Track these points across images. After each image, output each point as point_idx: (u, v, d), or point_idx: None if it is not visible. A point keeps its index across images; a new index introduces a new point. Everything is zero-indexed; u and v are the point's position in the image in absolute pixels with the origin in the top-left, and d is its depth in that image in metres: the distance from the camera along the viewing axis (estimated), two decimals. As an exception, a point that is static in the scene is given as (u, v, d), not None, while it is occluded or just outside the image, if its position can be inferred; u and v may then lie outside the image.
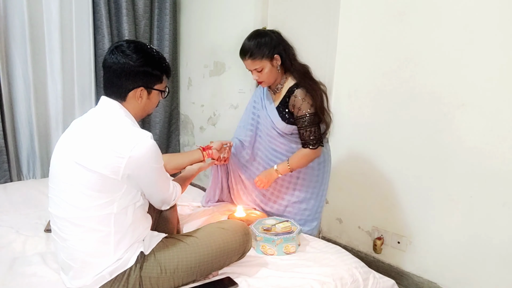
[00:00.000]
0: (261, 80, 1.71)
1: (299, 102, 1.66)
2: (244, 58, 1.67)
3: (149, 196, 1.31)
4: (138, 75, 1.23)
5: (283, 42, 1.70)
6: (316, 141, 1.70)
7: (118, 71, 1.21)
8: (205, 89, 3.21)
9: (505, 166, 1.68)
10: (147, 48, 1.26)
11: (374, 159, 2.16)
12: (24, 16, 2.52)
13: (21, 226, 1.71)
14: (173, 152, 3.55)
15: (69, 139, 1.22)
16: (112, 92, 1.25)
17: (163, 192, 1.33)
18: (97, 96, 2.97)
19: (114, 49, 1.23)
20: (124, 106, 1.25)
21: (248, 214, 1.86)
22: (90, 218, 1.15)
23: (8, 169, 2.58)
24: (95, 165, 1.12)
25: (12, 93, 2.60)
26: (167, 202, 1.37)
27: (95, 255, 1.17)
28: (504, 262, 1.72)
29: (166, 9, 3.19)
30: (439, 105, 1.85)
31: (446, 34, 1.80)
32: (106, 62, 1.24)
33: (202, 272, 1.32)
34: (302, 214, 1.88)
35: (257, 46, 1.63)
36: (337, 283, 1.36)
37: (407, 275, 2.07)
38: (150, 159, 1.18)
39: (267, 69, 1.66)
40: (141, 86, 1.24)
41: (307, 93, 1.66)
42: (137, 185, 1.22)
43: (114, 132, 1.17)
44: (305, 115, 1.66)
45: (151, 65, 1.25)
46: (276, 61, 1.67)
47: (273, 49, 1.65)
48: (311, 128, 1.67)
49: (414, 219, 2.02)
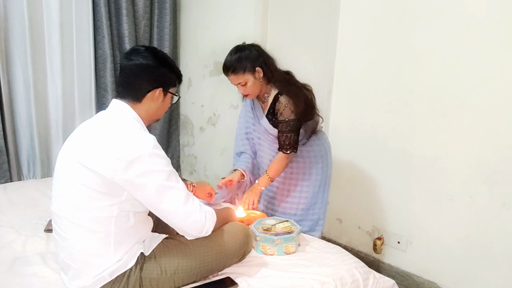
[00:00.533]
0: (247, 93, 1.77)
1: (281, 108, 1.72)
2: (227, 74, 1.73)
3: (164, 217, 1.18)
4: (158, 75, 1.25)
5: (263, 54, 1.75)
6: (290, 146, 1.75)
7: (138, 71, 1.23)
8: (205, 89, 3.20)
9: (505, 166, 1.68)
10: (163, 53, 1.31)
11: (374, 159, 2.16)
12: (24, 16, 2.52)
13: (21, 226, 1.71)
14: (173, 151, 3.55)
15: (75, 139, 1.22)
16: (129, 93, 1.24)
17: (178, 209, 1.16)
18: (97, 96, 2.98)
19: (131, 52, 1.25)
20: (137, 108, 1.25)
21: (248, 214, 1.86)
22: (90, 219, 1.15)
23: (8, 169, 2.59)
24: (97, 166, 1.12)
25: (12, 93, 2.60)
26: (193, 230, 1.21)
27: (95, 256, 1.17)
28: (504, 262, 1.72)
29: (166, 9, 3.19)
30: (439, 105, 1.85)
31: (446, 34, 1.80)
32: (123, 63, 1.25)
33: (202, 273, 1.32)
34: (313, 214, 1.93)
35: (238, 61, 1.69)
36: (337, 283, 1.36)
37: (407, 275, 2.07)
38: (152, 164, 1.12)
39: (251, 82, 1.72)
40: (160, 87, 1.26)
41: (290, 100, 1.71)
42: (144, 200, 1.15)
43: (116, 134, 1.16)
44: (285, 120, 1.72)
45: (169, 67, 1.28)
46: (258, 73, 1.72)
47: (254, 62, 1.70)
48: (288, 133, 1.73)
49: (414, 219, 2.02)
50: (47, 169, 2.81)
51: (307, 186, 1.91)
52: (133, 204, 1.19)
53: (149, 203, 1.17)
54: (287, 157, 1.78)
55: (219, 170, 3.18)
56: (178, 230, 1.24)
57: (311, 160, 1.89)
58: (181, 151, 3.61)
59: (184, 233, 1.24)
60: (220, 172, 3.13)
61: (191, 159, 3.50)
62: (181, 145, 3.60)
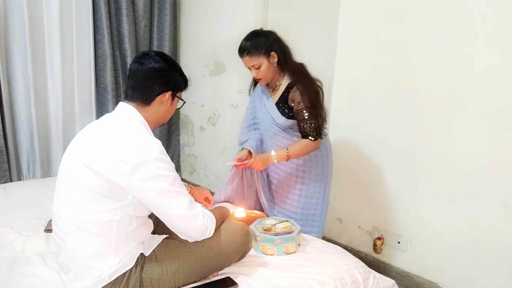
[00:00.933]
0: (259, 77, 1.78)
1: (298, 97, 1.73)
2: (242, 55, 1.75)
3: (168, 222, 1.20)
4: (169, 79, 1.28)
5: (279, 41, 1.78)
6: (316, 132, 1.76)
7: (150, 75, 1.25)
8: (205, 89, 3.21)
9: (505, 166, 1.68)
10: (172, 58, 1.34)
11: (374, 159, 2.16)
12: (24, 16, 2.53)
13: (21, 226, 1.71)
14: (173, 151, 3.55)
15: (81, 140, 1.22)
16: (138, 96, 1.26)
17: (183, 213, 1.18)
18: (97, 96, 2.98)
19: (142, 56, 1.28)
20: (145, 111, 1.26)
21: (248, 214, 1.86)
22: (92, 222, 1.14)
23: (8, 169, 2.59)
24: (102, 168, 1.11)
25: (12, 93, 2.60)
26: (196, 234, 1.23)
27: (95, 259, 1.16)
28: (504, 262, 1.72)
29: (166, 9, 3.19)
30: (439, 105, 1.85)
31: (446, 34, 1.80)
32: (135, 67, 1.27)
33: (203, 273, 1.32)
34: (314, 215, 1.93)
35: (254, 43, 1.72)
36: (337, 283, 1.36)
37: (407, 275, 2.07)
38: (158, 168, 1.13)
39: (265, 66, 1.73)
40: (170, 90, 1.28)
41: (306, 89, 1.73)
42: (149, 204, 1.16)
43: (123, 137, 1.16)
44: (304, 108, 1.73)
45: (178, 72, 1.31)
46: (272, 58, 1.74)
47: (270, 47, 1.73)
48: (310, 120, 1.74)
49: (414, 219, 2.02)
50: (47, 169, 2.81)
51: (307, 185, 1.91)
52: (136, 208, 1.19)
53: (154, 207, 1.17)
54: (314, 143, 1.77)
55: (219, 170, 3.18)
56: (181, 234, 1.23)
57: (311, 159, 1.89)
58: (181, 151, 3.61)
59: (187, 237, 1.24)
60: (220, 172, 3.13)
61: (191, 159, 3.50)
62: (181, 144, 3.60)
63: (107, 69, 2.94)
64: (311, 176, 1.91)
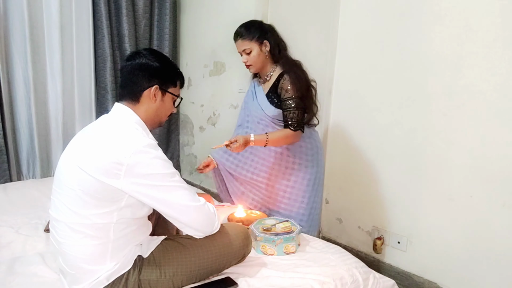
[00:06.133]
0: (249, 63, 1.80)
1: (286, 85, 1.74)
2: (236, 39, 1.82)
3: (174, 218, 1.19)
4: (154, 73, 1.25)
5: (274, 33, 1.82)
6: (298, 124, 1.75)
7: (135, 69, 1.24)
8: (205, 89, 3.20)
9: (505, 166, 1.68)
10: (162, 53, 1.33)
11: (374, 159, 2.16)
12: (24, 16, 2.53)
13: (21, 226, 1.71)
14: (173, 151, 3.55)
15: (76, 143, 1.21)
16: (126, 92, 1.25)
17: (189, 205, 1.17)
18: (97, 96, 2.98)
19: (131, 54, 1.29)
20: (137, 109, 1.25)
21: (248, 214, 1.86)
22: (88, 225, 1.13)
23: (8, 169, 2.58)
24: (96, 172, 1.10)
25: (12, 93, 2.60)
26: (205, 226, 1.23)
27: (92, 263, 1.15)
28: (504, 262, 1.72)
29: (166, 9, 3.19)
30: (439, 105, 1.85)
31: (446, 34, 1.80)
32: (122, 65, 1.29)
33: (201, 275, 1.31)
34: (303, 215, 1.90)
35: (249, 29, 1.78)
36: (337, 283, 1.36)
37: (407, 275, 2.07)
38: (152, 166, 1.12)
39: (255, 52, 1.77)
40: (156, 84, 1.25)
41: (296, 79, 1.74)
42: (152, 203, 1.15)
43: (117, 139, 1.14)
44: (291, 97, 1.74)
45: (167, 66, 1.29)
46: (264, 46, 1.78)
47: (263, 34, 1.77)
48: (295, 110, 1.74)
49: (414, 219, 2.02)
50: (47, 169, 2.81)
51: (294, 182, 1.90)
52: (133, 210, 1.17)
53: (157, 205, 1.16)
54: (294, 134, 1.76)
55: (219, 170, 3.18)
56: (190, 228, 1.21)
57: (301, 156, 1.88)
58: (181, 151, 3.61)
59: (195, 231, 1.23)
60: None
61: (191, 159, 3.50)
62: (181, 144, 3.60)
63: (107, 69, 2.94)
64: (299, 174, 1.90)
